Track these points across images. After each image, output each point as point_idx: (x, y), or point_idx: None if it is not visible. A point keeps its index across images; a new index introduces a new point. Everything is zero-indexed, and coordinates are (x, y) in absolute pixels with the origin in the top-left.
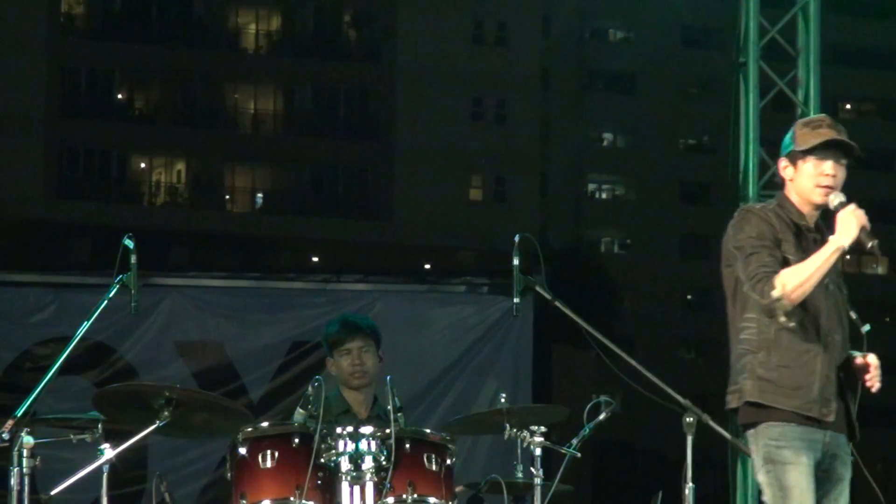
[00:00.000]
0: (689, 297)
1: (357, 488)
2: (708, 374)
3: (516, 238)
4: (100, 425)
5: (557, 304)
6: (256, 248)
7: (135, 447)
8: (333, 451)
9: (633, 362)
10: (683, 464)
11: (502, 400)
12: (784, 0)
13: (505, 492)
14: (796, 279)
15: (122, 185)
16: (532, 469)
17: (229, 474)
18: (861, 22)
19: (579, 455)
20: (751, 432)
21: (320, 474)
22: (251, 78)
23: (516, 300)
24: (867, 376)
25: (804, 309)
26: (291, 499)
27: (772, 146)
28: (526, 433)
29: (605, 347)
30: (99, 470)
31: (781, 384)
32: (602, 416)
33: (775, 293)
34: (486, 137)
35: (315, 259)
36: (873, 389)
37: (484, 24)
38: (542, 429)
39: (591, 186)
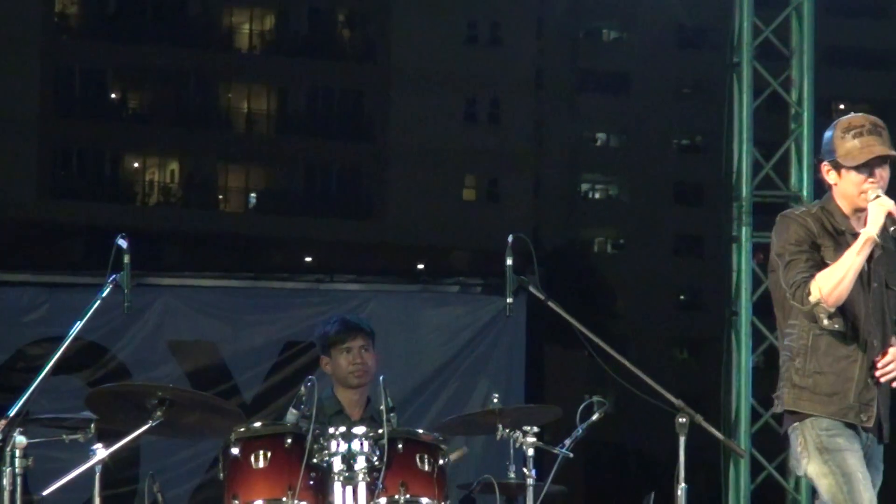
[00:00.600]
0: (682, 297)
1: (349, 489)
2: (701, 375)
3: (509, 238)
4: (92, 425)
5: (550, 304)
6: (250, 248)
7: (127, 447)
8: (326, 452)
9: (626, 363)
10: (676, 464)
11: (495, 400)
12: (778, 0)
13: (497, 492)
14: (832, 280)
15: (115, 184)
16: (524, 469)
17: (222, 475)
18: (855, 22)
19: (572, 455)
20: (796, 425)
21: (313, 475)
22: (245, 78)
23: (509, 300)
24: (878, 369)
25: (843, 313)
26: (284, 499)
27: (765, 146)
28: (518, 434)
29: (598, 348)
30: (91, 470)
31: (817, 391)
32: (595, 417)
33: (812, 298)
34: (480, 137)
35: (308, 259)
36: (883, 381)
37: (478, 24)
38: (535, 429)
39: (585, 186)
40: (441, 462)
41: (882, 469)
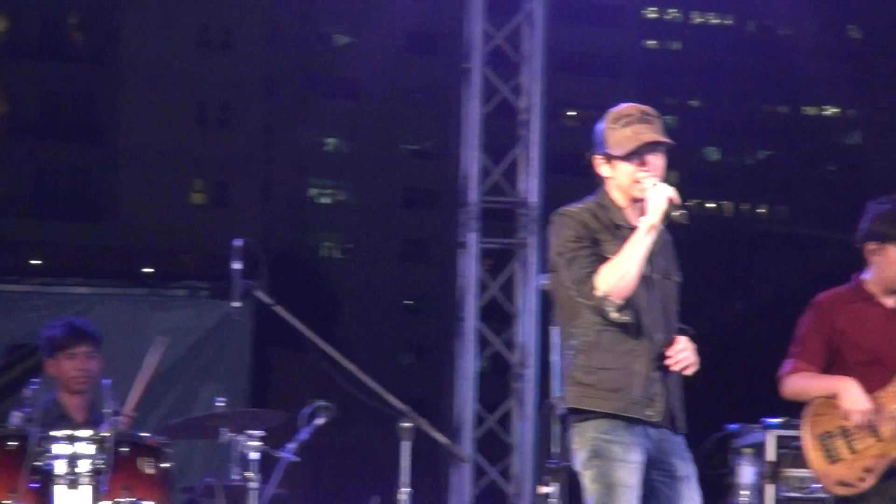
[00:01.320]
0: (409, 302)
1: (73, 492)
2: (426, 379)
3: (237, 242)
4: None
5: (277, 309)
6: None
7: None
8: (49, 455)
9: (352, 367)
10: (400, 468)
11: (220, 404)
12: (510, 7)
13: (220, 496)
14: (616, 272)
15: None
16: (248, 473)
17: None
18: (584, 29)
19: (297, 459)
20: (578, 425)
21: (36, 478)
22: None
23: (236, 305)
24: (667, 359)
25: (627, 305)
26: (6, 502)
27: (494, 152)
28: (243, 437)
29: (324, 352)
30: None
31: (601, 387)
32: (320, 421)
33: (598, 292)
34: (210, 141)
35: (36, 262)
36: (675, 368)
37: (210, 28)
38: (260, 433)
39: (314, 191)
40: (165, 465)
41: (690, 458)
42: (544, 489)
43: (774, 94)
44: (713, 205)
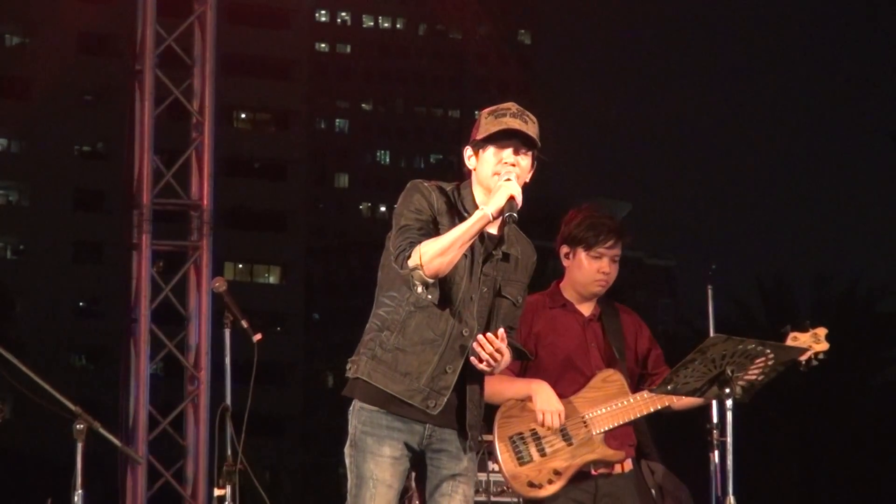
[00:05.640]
0: (80, 303)
1: None
2: (99, 381)
3: None
4: None
5: None
6: None
7: None
8: None
9: (23, 367)
10: (74, 470)
11: None
12: (181, 8)
13: None
14: (435, 248)
15: None
16: None
17: None
18: (255, 31)
19: None
20: (350, 409)
21: None
22: None
23: None
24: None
25: (441, 294)
26: None
27: (166, 154)
28: None
29: None
30: None
31: (394, 367)
32: None
33: (412, 262)
34: None
35: None
36: (476, 356)
37: None
38: None
39: None
40: None
41: (467, 458)
42: (219, 492)
43: (447, 97)
44: (384, 208)
